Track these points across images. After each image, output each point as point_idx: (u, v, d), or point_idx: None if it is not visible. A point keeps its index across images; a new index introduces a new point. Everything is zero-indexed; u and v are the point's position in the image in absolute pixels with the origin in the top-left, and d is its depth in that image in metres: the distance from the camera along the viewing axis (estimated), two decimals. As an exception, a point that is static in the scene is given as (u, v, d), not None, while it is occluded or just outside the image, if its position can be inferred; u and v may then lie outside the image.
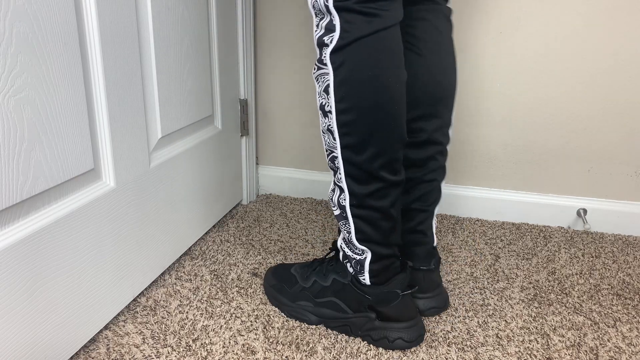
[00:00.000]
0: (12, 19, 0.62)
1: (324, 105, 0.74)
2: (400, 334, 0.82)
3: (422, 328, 0.85)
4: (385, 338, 0.82)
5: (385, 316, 0.83)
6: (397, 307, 0.82)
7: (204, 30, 1.08)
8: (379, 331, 0.83)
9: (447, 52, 0.86)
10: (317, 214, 1.34)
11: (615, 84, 1.18)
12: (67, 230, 0.74)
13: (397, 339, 0.82)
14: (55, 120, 0.71)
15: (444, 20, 0.84)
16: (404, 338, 0.82)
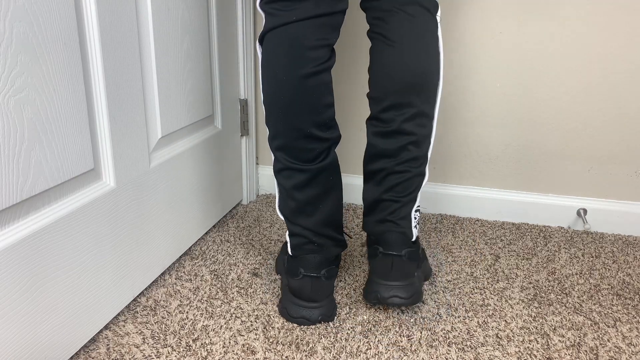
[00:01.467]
0: (12, 19, 0.62)
1: None
2: (291, 309, 0.89)
3: (318, 313, 0.88)
4: (283, 306, 0.91)
5: (290, 288, 0.90)
6: (300, 284, 0.87)
7: (204, 30, 1.08)
8: (282, 299, 0.92)
9: (419, 38, 0.85)
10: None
11: (616, 83, 1.18)
12: (67, 230, 0.74)
13: (283, 310, 0.90)
14: (55, 120, 0.71)
15: (417, 8, 0.85)
16: (289, 311, 0.89)
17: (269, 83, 0.83)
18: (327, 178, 0.86)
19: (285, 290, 0.92)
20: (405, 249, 0.88)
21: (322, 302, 0.89)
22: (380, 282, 0.88)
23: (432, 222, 1.31)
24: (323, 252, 0.89)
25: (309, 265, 0.88)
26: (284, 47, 0.80)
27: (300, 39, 0.79)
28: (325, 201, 0.87)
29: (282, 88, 0.81)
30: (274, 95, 0.82)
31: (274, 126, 0.84)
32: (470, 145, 1.30)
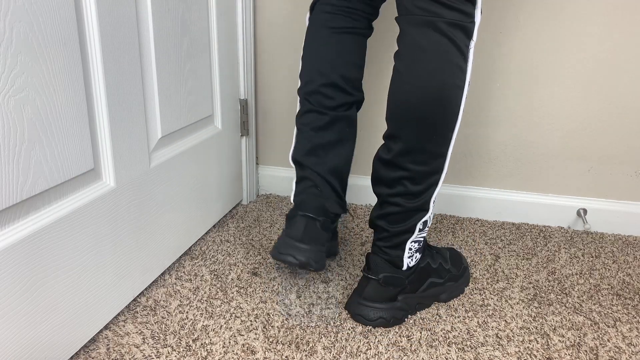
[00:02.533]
0: (12, 19, 0.62)
1: None
2: (281, 246, 0.91)
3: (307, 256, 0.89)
4: (274, 246, 0.93)
5: (285, 229, 0.94)
6: (294, 222, 0.93)
7: (204, 30, 1.08)
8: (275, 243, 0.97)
9: (425, 69, 0.77)
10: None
11: (616, 83, 1.18)
12: (67, 230, 0.74)
13: (274, 250, 0.92)
14: (55, 120, 0.71)
15: (426, 31, 0.76)
16: (278, 248, 0.91)
17: (311, 37, 0.93)
18: (343, 127, 0.93)
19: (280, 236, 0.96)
20: (384, 274, 0.88)
21: (313, 247, 0.90)
22: (355, 299, 0.91)
23: (432, 222, 1.31)
24: (324, 199, 0.93)
25: (308, 205, 0.92)
26: (326, 10, 0.92)
27: (323, 20, 0.91)
28: (336, 148, 0.94)
29: (315, 35, 0.92)
30: (311, 45, 0.93)
31: (307, 74, 0.94)
32: (470, 145, 1.30)
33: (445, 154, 0.82)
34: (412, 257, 0.89)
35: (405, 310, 0.91)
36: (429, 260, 0.94)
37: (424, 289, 0.93)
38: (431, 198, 0.85)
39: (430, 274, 0.94)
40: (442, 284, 0.96)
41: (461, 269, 1.00)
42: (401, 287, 0.90)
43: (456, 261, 1.01)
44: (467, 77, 0.77)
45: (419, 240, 0.88)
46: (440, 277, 0.95)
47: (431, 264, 0.94)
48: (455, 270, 0.98)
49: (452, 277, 0.97)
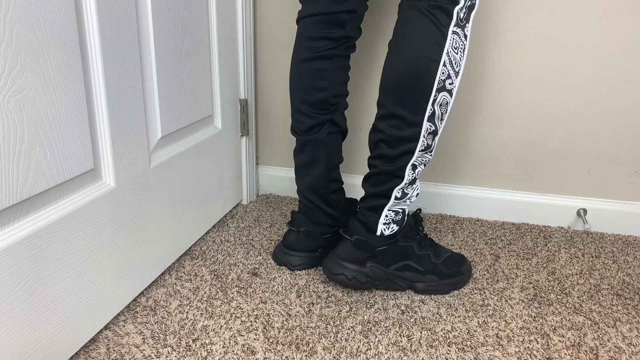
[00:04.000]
0: (12, 19, 0.62)
1: None
2: (279, 254, 1.09)
3: (299, 261, 1.06)
4: (274, 252, 1.11)
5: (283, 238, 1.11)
6: (286, 234, 1.10)
7: (204, 30, 1.08)
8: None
9: (403, 44, 0.87)
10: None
11: (616, 83, 1.18)
12: (67, 230, 0.74)
13: (274, 255, 1.10)
14: (55, 120, 0.71)
15: (410, 13, 0.86)
16: (277, 256, 1.09)
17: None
18: (313, 150, 1.01)
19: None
20: (357, 236, 0.96)
21: (304, 253, 1.06)
22: (330, 255, 0.99)
23: (432, 222, 1.31)
24: (309, 214, 1.06)
25: (292, 220, 1.08)
26: (296, 37, 1.00)
27: (302, 31, 0.98)
28: (312, 169, 1.03)
29: (290, 69, 1.01)
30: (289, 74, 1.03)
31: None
32: (470, 145, 1.30)
33: (420, 123, 0.88)
34: (387, 225, 0.95)
35: (370, 279, 0.97)
36: (414, 244, 0.98)
37: (398, 267, 0.97)
38: (406, 166, 0.91)
39: (410, 257, 0.98)
40: (420, 272, 0.98)
41: (453, 270, 1.00)
42: (370, 254, 0.96)
43: (452, 263, 1.01)
44: (444, 53, 0.85)
45: (396, 211, 0.95)
46: (421, 266, 0.98)
47: (415, 248, 0.98)
48: (444, 268, 0.99)
49: (436, 272, 0.99)
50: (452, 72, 0.86)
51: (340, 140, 1.04)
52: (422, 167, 0.93)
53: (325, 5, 0.93)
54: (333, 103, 0.99)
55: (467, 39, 0.87)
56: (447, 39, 0.84)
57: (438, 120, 0.89)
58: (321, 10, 0.94)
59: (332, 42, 0.96)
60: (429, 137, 0.90)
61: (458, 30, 0.85)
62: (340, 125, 1.02)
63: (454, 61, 0.86)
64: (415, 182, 0.94)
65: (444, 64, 0.85)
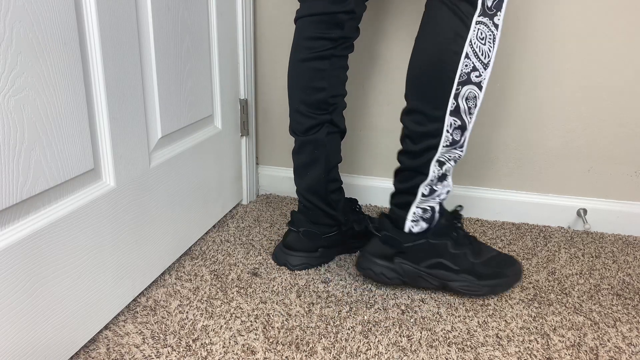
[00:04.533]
0: (12, 19, 0.62)
1: None
2: (279, 254, 1.09)
3: (299, 261, 1.06)
4: (274, 252, 1.11)
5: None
6: (285, 233, 1.10)
7: (204, 30, 1.08)
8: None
9: (427, 37, 0.86)
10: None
11: (616, 83, 1.18)
12: (67, 230, 0.74)
13: (274, 255, 1.10)
14: (55, 120, 0.71)
15: (434, 5, 0.84)
16: (277, 256, 1.09)
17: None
18: (312, 150, 1.00)
19: None
20: (385, 232, 0.96)
21: (304, 253, 1.06)
22: (363, 251, 0.99)
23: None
24: (309, 214, 1.06)
25: (292, 220, 1.08)
26: (294, 36, 0.99)
27: (300, 31, 0.97)
28: (310, 170, 1.02)
29: (288, 69, 1.00)
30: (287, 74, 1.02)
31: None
32: (470, 145, 1.30)
33: (442, 119, 0.87)
34: (416, 222, 0.95)
35: (399, 274, 0.96)
36: (448, 241, 0.95)
37: (429, 265, 0.95)
38: (430, 162, 0.90)
39: (443, 255, 0.95)
40: (454, 271, 0.95)
41: (494, 272, 0.96)
42: (398, 250, 0.95)
43: (495, 263, 0.98)
44: (466, 44, 0.82)
45: (424, 208, 0.94)
46: (455, 264, 0.95)
47: (449, 246, 0.95)
48: (483, 268, 0.96)
49: (473, 272, 0.96)
50: (479, 64, 0.83)
51: (339, 140, 1.04)
52: (451, 163, 0.91)
53: (323, 5, 0.93)
54: (332, 103, 0.99)
55: (497, 28, 0.82)
56: (470, 30, 0.82)
57: (465, 114, 0.86)
58: (319, 11, 0.93)
59: (331, 42, 0.95)
60: (456, 132, 0.87)
61: (485, 19, 0.81)
62: (339, 125, 1.02)
63: (481, 52, 0.83)
64: (445, 179, 0.92)
65: (466, 55, 0.82)
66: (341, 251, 1.12)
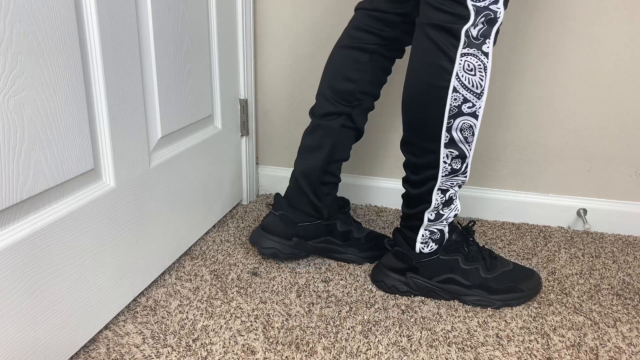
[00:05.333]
0: (12, 19, 0.62)
1: None
2: (254, 234, 1.08)
3: (271, 244, 1.04)
4: (252, 233, 1.10)
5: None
6: (265, 215, 1.10)
7: (204, 30, 1.08)
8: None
9: (412, 69, 0.84)
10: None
11: (616, 83, 1.18)
12: (67, 230, 0.74)
13: (251, 236, 1.09)
14: (55, 120, 0.71)
15: (418, 33, 0.83)
16: (251, 236, 1.08)
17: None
18: (321, 135, 0.99)
19: None
20: (398, 248, 0.97)
21: (277, 238, 1.04)
22: (378, 264, 1.01)
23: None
24: (291, 198, 1.04)
25: (275, 201, 1.06)
26: (347, 25, 0.99)
27: (354, 20, 0.97)
28: (313, 154, 1.01)
29: (330, 53, 1.00)
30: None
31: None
32: (470, 145, 1.30)
33: (437, 151, 0.85)
34: (425, 244, 0.95)
35: (411, 288, 0.97)
36: (459, 257, 0.95)
37: (440, 280, 0.95)
38: (432, 191, 0.89)
39: (454, 271, 0.95)
40: (466, 287, 0.95)
41: (507, 286, 0.94)
42: (408, 265, 0.96)
43: (509, 278, 0.95)
44: (453, 78, 0.79)
45: (433, 231, 0.94)
46: (467, 280, 0.95)
47: (460, 262, 0.95)
48: (495, 283, 0.94)
49: (484, 287, 0.94)
50: (470, 95, 0.80)
51: (352, 137, 1.02)
52: (455, 189, 0.90)
53: (383, 3, 0.92)
54: (358, 98, 0.97)
55: (487, 57, 0.78)
56: (456, 63, 0.78)
57: (461, 144, 0.84)
58: (378, 7, 0.93)
59: (379, 39, 0.94)
60: (455, 161, 0.85)
61: (471, 50, 0.77)
62: (355, 123, 1.00)
63: (471, 84, 0.79)
64: (452, 203, 0.91)
65: (454, 89, 0.79)
66: (319, 252, 1.09)
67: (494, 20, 0.77)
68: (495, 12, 0.77)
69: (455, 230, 0.96)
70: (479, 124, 0.83)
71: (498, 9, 0.77)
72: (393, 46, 0.97)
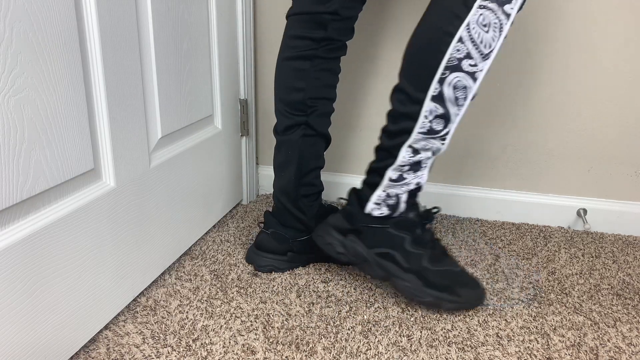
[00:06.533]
0: (12, 19, 0.62)
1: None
2: (249, 253, 1.09)
3: (266, 262, 1.05)
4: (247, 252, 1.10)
5: None
6: (258, 234, 1.09)
7: (204, 30, 1.08)
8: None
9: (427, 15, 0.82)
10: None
11: (616, 83, 1.18)
12: (67, 230, 0.74)
13: (247, 256, 1.10)
14: (55, 120, 0.71)
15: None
16: (247, 254, 1.10)
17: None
18: (286, 150, 1.00)
19: None
20: (349, 206, 0.95)
21: (272, 255, 1.05)
22: (324, 221, 0.99)
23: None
24: (279, 215, 1.05)
25: (265, 220, 1.07)
26: (283, 34, 0.99)
27: (288, 29, 0.97)
28: (284, 170, 1.01)
29: (275, 67, 1.00)
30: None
31: None
32: (470, 145, 1.30)
33: (422, 101, 0.81)
34: (378, 205, 0.91)
35: (347, 251, 0.94)
36: (407, 236, 0.91)
37: (379, 253, 0.92)
38: (401, 146, 0.86)
39: (396, 247, 0.91)
40: (402, 268, 0.91)
41: (445, 285, 0.90)
42: (352, 227, 0.93)
43: (451, 279, 0.91)
44: (462, 27, 0.76)
45: (390, 195, 0.90)
46: (406, 262, 0.91)
47: (406, 242, 0.91)
48: (435, 277, 0.90)
49: (421, 276, 0.90)
50: (475, 52, 0.76)
51: (319, 144, 1.00)
52: (427, 153, 0.86)
53: (308, 5, 0.91)
54: (310, 105, 0.96)
55: (508, 18, 0.75)
56: (471, 12, 0.75)
57: (450, 103, 0.80)
58: (303, 10, 0.92)
59: (313, 43, 0.93)
60: (436, 121, 0.82)
61: (492, 5, 0.74)
62: (316, 129, 0.98)
63: (480, 39, 0.76)
64: (418, 169, 0.87)
65: (460, 39, 0.76)
66: (316, 259, 1.08)
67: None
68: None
69: (415, 209, 0.92)
70: (475, 88, 0.79)
71: None
72: (328, 46, 0.95)
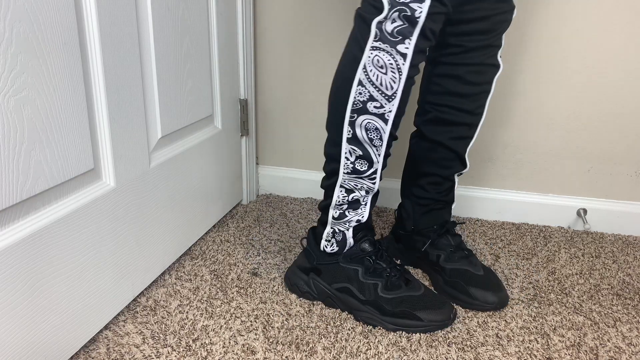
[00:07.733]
0: (12, 19, 0.62)
1: None
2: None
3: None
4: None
5: None
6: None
7: (204, 30, 1.08)
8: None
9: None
10: (317, 214, 1.34)
11: (616, 83, 1.18)
12: (67, 230, 0.74)
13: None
14: (55, 120, 0.71)
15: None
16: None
17: None
18: None
19: None
20: (309, 246, 0.97)
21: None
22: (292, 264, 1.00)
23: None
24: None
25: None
26: None
27: None
28: None
29: None
30: None
31: None
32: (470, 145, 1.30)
33: (339, 143, 0.83)
34: (329, 242, 0.93)
35: (310, 289, 0.95)
36: (360, 268, 0.91)
37: (338, 288, 0.92)
38: (334, 186, 0.87)
39: (351, 281, 0.91)
40: (360, 301, 0.90)
41: (401, 311, 0.87)
42: (311, 265, 0.95)
43: (407, 304, 0.88)
44: (359, 69, 0.75)
45: (335, 231, 0.92)
46: (362, 294, 0.90)
47: (360, 274, 0.90)
48: (388, 304, 0.88)
49: (376, 305, 0.88)
50: (378, 94, 0.76)
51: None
52: (361, 192, 0.86)
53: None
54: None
55: (405, 58, 0.73)
56: (365, 54, 0.74)
57: (366, 144, 0.80)
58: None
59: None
60: (358, 161, 0.82)
61: (383, 46, 0.73)
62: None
63: (379, 81, 0.75)
64: (357, 207, 0.88)
65: (359, 82, 0.76)
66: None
67: (413, 20, 0.71)
68: (414, 10, 0.70)
69: (367, 240, 0.91)
70: (388, 129, 0.78)
71: (419, 8, 0.70)
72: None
